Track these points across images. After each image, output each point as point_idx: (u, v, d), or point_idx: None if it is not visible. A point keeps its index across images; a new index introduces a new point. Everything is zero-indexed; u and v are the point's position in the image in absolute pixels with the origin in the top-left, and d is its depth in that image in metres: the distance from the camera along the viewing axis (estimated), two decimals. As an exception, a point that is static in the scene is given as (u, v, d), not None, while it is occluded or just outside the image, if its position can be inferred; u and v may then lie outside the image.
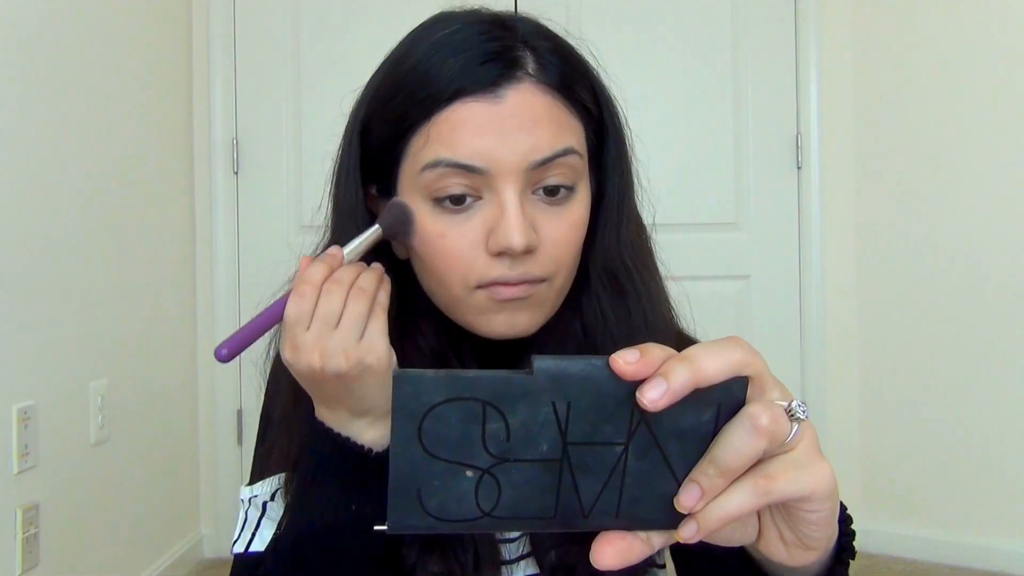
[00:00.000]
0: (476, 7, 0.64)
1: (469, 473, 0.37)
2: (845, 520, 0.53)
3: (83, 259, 1.93)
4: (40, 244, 1.77)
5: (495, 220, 0.59)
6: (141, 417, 2.19)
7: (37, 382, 1.75)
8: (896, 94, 2.50)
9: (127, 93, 2.15)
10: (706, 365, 0.36)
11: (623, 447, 0.37)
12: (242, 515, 0.69)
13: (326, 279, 0.57)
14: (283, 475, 0.67)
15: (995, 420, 2.35)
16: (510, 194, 0.58)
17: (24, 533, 1.66)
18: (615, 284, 0.66)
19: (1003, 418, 2.34)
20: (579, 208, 0.62)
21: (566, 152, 0.59)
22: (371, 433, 0.59)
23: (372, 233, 0.61)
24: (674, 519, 0.39)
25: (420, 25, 0.63)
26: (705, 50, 2.58)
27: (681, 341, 0.70)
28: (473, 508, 0.38)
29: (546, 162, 0.59)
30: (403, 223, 0.61)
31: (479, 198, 0.59)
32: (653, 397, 0.35)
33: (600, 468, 0.38)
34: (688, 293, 0.75)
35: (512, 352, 0.67)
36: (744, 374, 0.37)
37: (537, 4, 0.81)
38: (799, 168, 2.58)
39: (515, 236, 0.57)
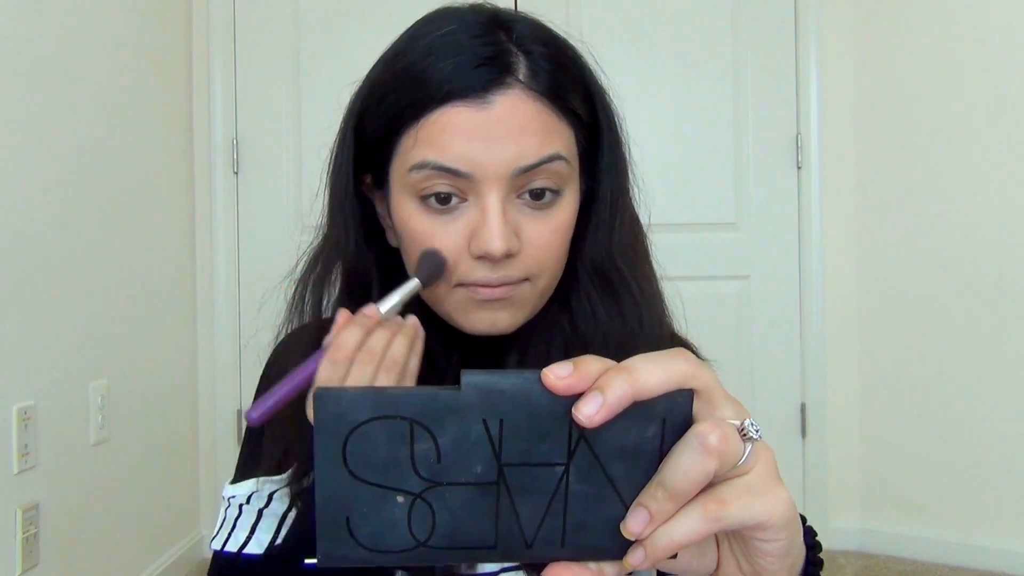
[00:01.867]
0: (477, 3, 0.64)
1: (400, 499, 0.35)
2: (813, 547, 0.51)
3: (83, 259, 1.93)
4: (40, 244, 1.77)
5: (478, 224, 0.59)
6: (141, 417, 2.19)
7: (37, 382, 1.75)
8: (896, 94, 2.50)
9: (127, 93, 2.15)
10: (645, 377, 0.34)
11: (563, 468, 0.35)
12: (222, 512, 0.70)
13: (360, 345, 0.57)
14: (259, 479, 0.68)
15: (995, 420, 2.35)
16: (493, 199, 0.59)
17: (24, 533, 1.66)
18: (606, 285, 0.66)
19: (1003, 418, 2.34)
20: (564, 212, 0.62)
21: (552, 159, 0.60)
22: None
23: (410, 289, 0.61)
24: (625, 546, 0.36)
25: (419, 20, 0.64)
26: (705, 50, 2.58)
27: (675, 343, 0.70)
28: (407, 537, 0.35)
29: (531, 168, 0.59)
30: (438, 272, 0.61)
31: (464, 200, 0.60)
32: (588, 412, 0.33)
33: (540, 491, 0.35)
34: (688, 293, 0.75)
35: (498, 348, 0.68)
36: (688, 387, 0.35)
37: (537, 5, 0.81)
38: (799, 168, 2.58)
39: (495, 242, 0.58)
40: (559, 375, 0.34)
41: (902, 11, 2.49)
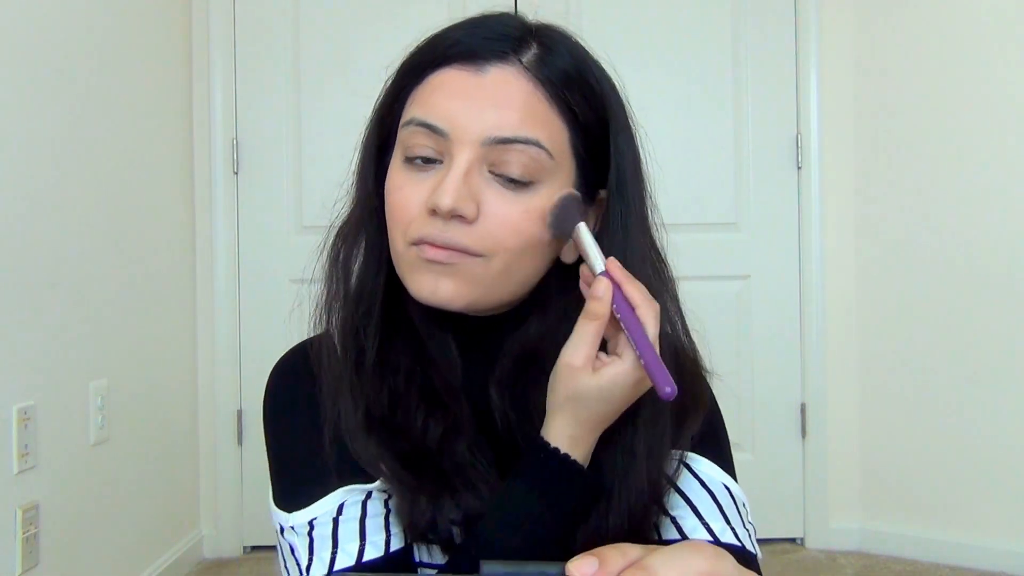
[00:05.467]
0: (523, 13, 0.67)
1: None
2: None
3: (83, 259, 1.93)
4: (40, 244, 1.77)
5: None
6: (141, 417, 2.19)
7: (37, 382, 1.75)
8: (896, 94, 2.50)
9: (127, 93, 2.15)
10: None
11: None
12: (304, 539, 0.64)
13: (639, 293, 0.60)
14: (347, 488, 0.64)
15: (995, 420, 2.35)
16: (460, 160, 0.60)
17: (24, 533, 1.66)
18: None
19: (1003, 418, 2.34)
20: (538, 200, 0.62)
21: (529, 142, 0.60)
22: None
23: (592, 236, 0.62)
24: None
25: None
26: (705, 50, 2.58)
27: (680, 359, 0.68)
28: None
29: (506, 142, 0.59)
30: (575, 207, 0.63)
31: (441, 163, 0.61)
32: None
33: None
34: (688, 293, 0.74)
35: (495, 341, 0.67)
36: None
37: (538, 5, 0.81)
38: (799, 168, 2.58)
39: (444, 197, 0.59)
40: (584, 572, 0.35)
41: (902, 12, 2.49)
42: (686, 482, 0.67)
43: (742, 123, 2.58)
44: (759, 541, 0.69)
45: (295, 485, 0.67)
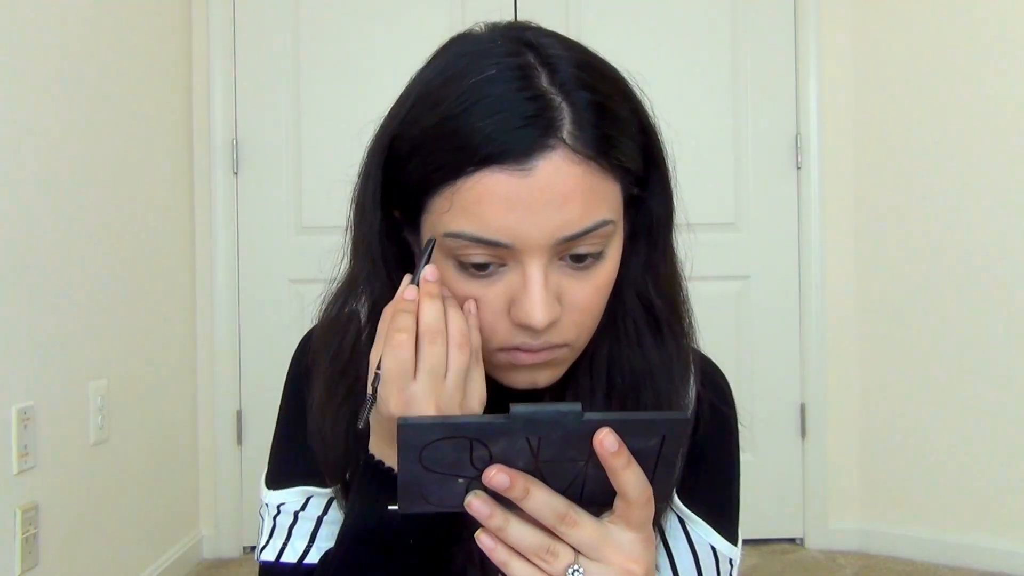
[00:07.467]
0: (509, 29, 0.60)
1: (460, 480, 0.48)
2: None
3: (83, 259, 1.93)
4: (40, 244, 1.77)
5: (518, 290, 0.57)
6: (141, 417, 2.19)
7: (37, 382, 1.74)
8: (896, 94, 2.50)
9: (127, 93, 2.15)
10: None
11: (584, 461, 0.48)
12: (269, 521, 0.67)
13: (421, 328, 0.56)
14: (308, 488, 0.67)
15: (995, 420, 2.35)
16: (535, 269, 0.56)
17: (24, 533, 1.66)
18: (650, 314, 0.66)
19: (1003, 418, 2.34)
20: (606, 269, 0.60)
21: (597, 226, 0.57)
22: None
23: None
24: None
25: (450, 51, 0.60)
26: (705, 50, 2.59)
27: (708, 370, 0.69)
28: (463, 499, 0.49)
29: (575, 237, 0.56)
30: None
31: (503, 264, 0.58)
32: (611, 449, 0.47)
33: (565, 476, 0.48)
34: (688, 294, 0.75)
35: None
36: None
37: (536, 5, 0.80)
38: (799, 168, 2.58)
39: (537, 314, 0.56)
40: (607, 448, 0.47)
41: (902, 12, 2.49)
42: (675, 540, 0.67)
43: (742, 123, 2.59)
44: (759, 541, 0.70)
45: (280, 464, 0.70)
